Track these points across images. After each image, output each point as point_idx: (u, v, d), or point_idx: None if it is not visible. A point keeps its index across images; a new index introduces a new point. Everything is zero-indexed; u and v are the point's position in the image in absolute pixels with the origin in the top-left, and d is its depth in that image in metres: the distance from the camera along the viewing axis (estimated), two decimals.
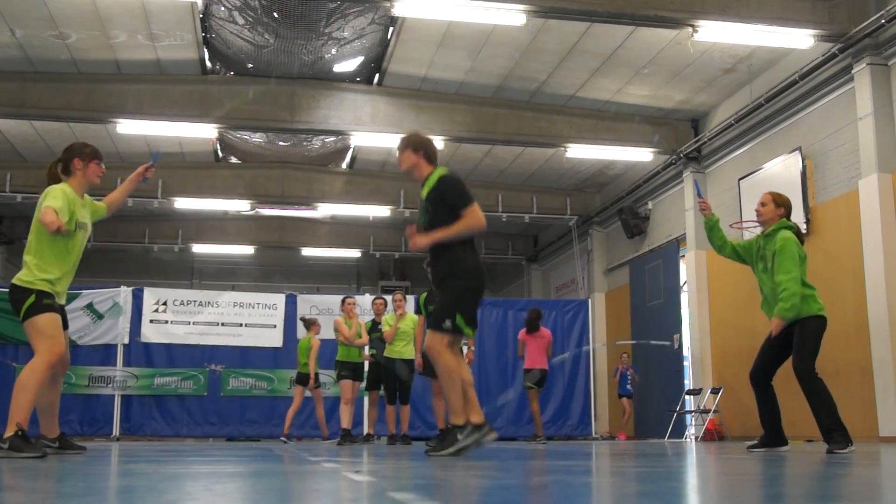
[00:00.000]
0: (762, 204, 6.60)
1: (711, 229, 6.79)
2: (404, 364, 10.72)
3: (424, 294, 9.77)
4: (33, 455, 4.95)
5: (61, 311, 5.56)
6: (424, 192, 5.53)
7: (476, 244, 5.57)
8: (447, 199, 5.35)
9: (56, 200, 5.33)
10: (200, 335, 15.27)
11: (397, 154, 5.69)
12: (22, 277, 5.38)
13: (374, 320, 11.46)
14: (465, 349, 9.51)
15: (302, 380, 12.27)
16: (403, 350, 10.75)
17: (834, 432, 6.06)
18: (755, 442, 6.69)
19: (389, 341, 10.76)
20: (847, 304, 10.87)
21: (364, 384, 11.59)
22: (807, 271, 6.43)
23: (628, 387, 15.71)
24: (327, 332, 13.14)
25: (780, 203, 6.57)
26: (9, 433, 5.01)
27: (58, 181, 5.60)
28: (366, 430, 11.81)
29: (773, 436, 6.46)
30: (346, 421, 11.06)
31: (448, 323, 5.19)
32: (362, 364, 11.36)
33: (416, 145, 5.57)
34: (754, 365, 6.56)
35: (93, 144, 5.87)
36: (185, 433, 14.97)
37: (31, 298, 5.32)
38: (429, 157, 5.56)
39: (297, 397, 12.37)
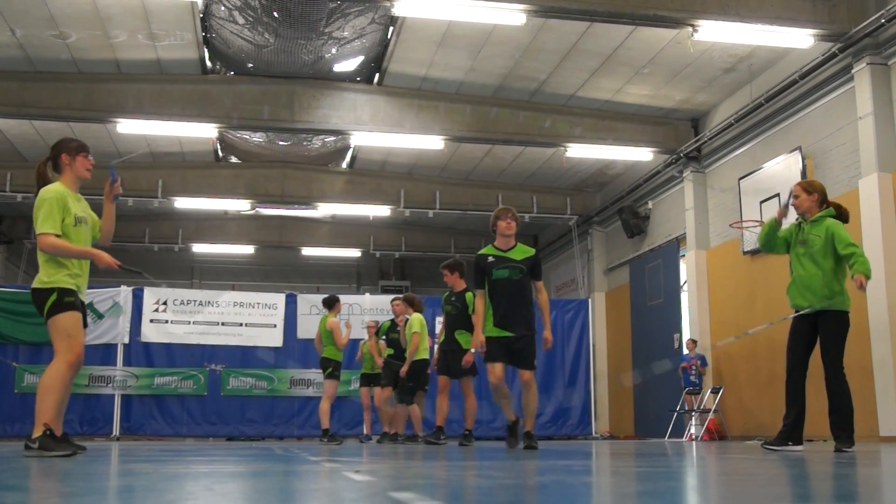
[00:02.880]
0: (795, 196, 6.61)
1: (773, 231, 6.76)
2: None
3: (446, 294, 9.80)
4: (63, 454, 5.00)
5: (82, 308, 5.55)
6: (518, 256, 7.39)
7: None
8: (535, 270, 7.49)
9: (48, 220, 5.28)
10: (200, 335, 15.27)
11: (511, 219, 7.44)
12: (41, 279, 5.37)
13: (392, 321, 11.49)
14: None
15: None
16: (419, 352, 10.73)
17: (842, 432, 6.19)
18: (771, 439, 6.64)
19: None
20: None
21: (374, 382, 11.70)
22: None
23: (693, 378, 14.11)
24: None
25: (812, 189, 6.61)
26: (37, 433, 5.06)
27: (47, 181, 5.55)
28: (392, 430, 11.76)
29: (791, 433, 6.42)
30: (327, 420, 11.08)
31: (535, 363, 7.42)
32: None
33: (517, 221, 7.50)
34: (789, 363, 6.51)
35: (79, 139, 5.82)
36: (185, 433, 14.97)
37: (53, 297, 5.31)
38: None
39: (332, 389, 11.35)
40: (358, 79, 14.21)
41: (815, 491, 2.84)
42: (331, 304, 11.38)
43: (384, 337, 11.69)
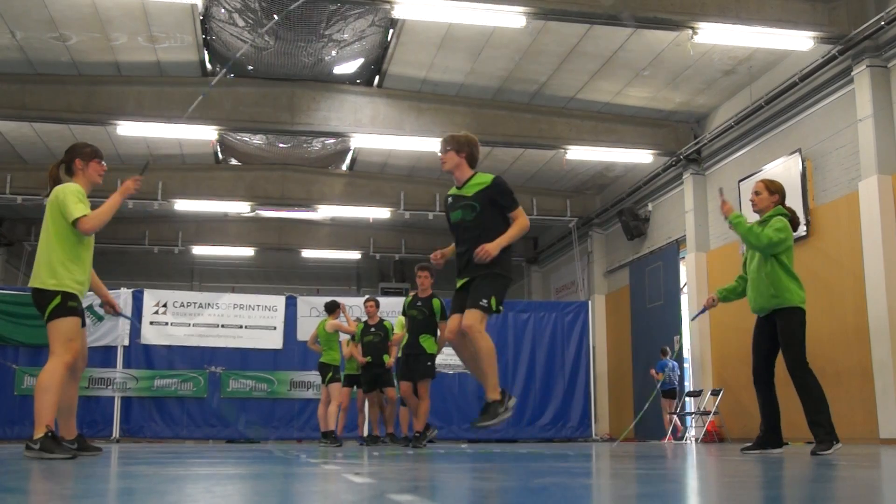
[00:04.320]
0: (756, 193, 6.59)
1: (728, 298, 6.85)
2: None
3: (409, 298, 9.70)
4: (63, 456, 4.98)
5: (81, 312, 5.58)
6: (471, 191, 5.95)
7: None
8: (500, 201, 5.89)
9: (78, 205, 5.36)
10: (200, 337, 15.26)
11: (440, 154, 6.10)
12: (46, 281, 5.38)
13: (366, 322, 11.34)
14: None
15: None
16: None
17: (819, 429, 6.05)
18: (750, 444, 6.67)
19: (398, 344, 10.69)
20: (847, 305, 10.87)
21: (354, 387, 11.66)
22: (793, 260, 6.40)
23: (668, 382, 14.56)
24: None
25: (774, 190, 6.55)
26: (39, 435, 5.04)
27: (59, 183, 5.61)
28: (372, 432, 11.77)
29: (769, 437, 6.44)
30: (333, 423, 11.12)
31: (485, 302, 5.64)
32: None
33: (460, 147, 6.00)
34: (754, 365, 6.55)
35: (93, 145, 5.88)
36: (184, 435, 14.96)
37: (57, 300, 5.32)
38: (470, 159, 6.03)
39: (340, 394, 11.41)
40: (358, 81, 14.22)
41: (816, 493, 2.84)
42: (331, 309, 11.47)
43: (360, 341, 11.44)
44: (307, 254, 21.99)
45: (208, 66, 13.53)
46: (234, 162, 17.83)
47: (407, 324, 9.52)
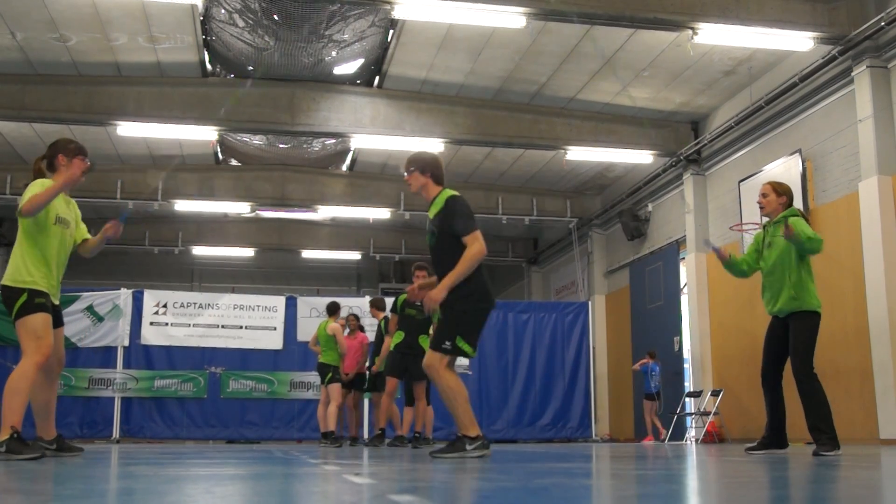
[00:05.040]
0: (763, 195, 6.57)
1: (731, 265, 6.75)
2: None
3: (403, 296, 9.66)
4: (31, 456, 4.94)
5: (54, 309, 5.54)
6: (432, 213, 5.61)
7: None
8: (451, 226, 5.40)
9: (34, 188, 5.31)
10: (200, 337, 15.27)
11: (405, 175, 5.73)
12: (13, 276, 5.35)
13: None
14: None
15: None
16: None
17: (822, 434, 6.06)
18: (754, 444, 6.68)
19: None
20: (847, 306, 10.87)
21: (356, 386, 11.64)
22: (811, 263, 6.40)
23: (652, 385, 14.75)
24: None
25: (782, 191, 6.55)
26: (4, 437, 5.00)
27: (43, 178, 5.58)
28: (376, 431, 11.75)
29: (773, 437, 6.44)
30: (333, 423, 11.13)
31: (448, 344, 5.30)
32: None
33: (424, 167, 5.65)
34: (763, 365, 6.53)
35: (78, 142, 5.79)
36: (184, 435, 14.97)
37: (24, 297, 5.29)
38: (436, 179, 5.66)
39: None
40: (358, 81, 14.22)
41: (817, 494, 2.84)
42: (333, 310, 11.48)
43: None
44: (307, 254, 21.99)
45: (208, 66, 13.53)
46: (234, 162, 17.83)
47: (403, 323, 9.47)
